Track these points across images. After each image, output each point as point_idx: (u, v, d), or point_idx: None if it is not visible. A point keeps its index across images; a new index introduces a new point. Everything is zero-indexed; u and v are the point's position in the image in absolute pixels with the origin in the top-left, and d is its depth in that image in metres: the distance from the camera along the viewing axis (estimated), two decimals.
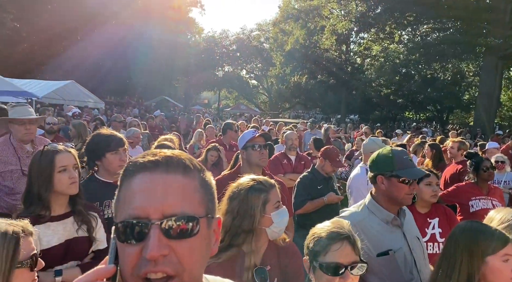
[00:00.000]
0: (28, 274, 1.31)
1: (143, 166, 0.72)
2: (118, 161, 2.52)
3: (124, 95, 34.66)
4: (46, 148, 2.08)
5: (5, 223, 1.31)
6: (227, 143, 5.75)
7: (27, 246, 1.32)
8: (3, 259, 1.24)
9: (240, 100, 49.69)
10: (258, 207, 1.72)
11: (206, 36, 46.97)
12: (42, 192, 2.00)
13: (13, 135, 3.23)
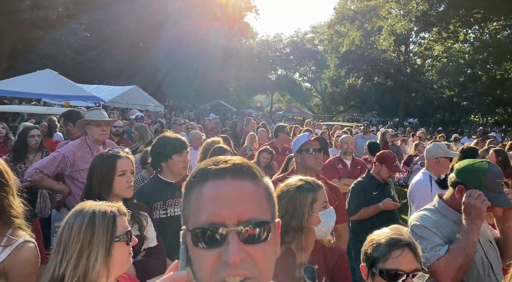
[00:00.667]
0: (125, 248, 1.49)
1: (215, 173, 0.74)
2: (182, 163, 2.66)
3: (181, 99, 36.16)
4: (110, 152, 2.22)
5: (104, 204, 1.51)
6: (279, 146, 5.76)
7: (122, 223, 1.50)
8: (104, 233, 1.42)
9: (293, 103, 49.56)
10: (306, 205, 1.77)
11: (260, 40, 47.53)
12: (102, 193, 2.13)
13: (89, 137, 3.52)
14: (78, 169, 3.39)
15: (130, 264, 1.53)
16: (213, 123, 11.50)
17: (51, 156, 3.39)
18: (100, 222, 1.43)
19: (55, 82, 11.83)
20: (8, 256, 1.62)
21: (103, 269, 1.40)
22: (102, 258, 1.40)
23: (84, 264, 1.38)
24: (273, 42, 47.57)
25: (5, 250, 1.63)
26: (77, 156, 3.40)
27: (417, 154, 7.69)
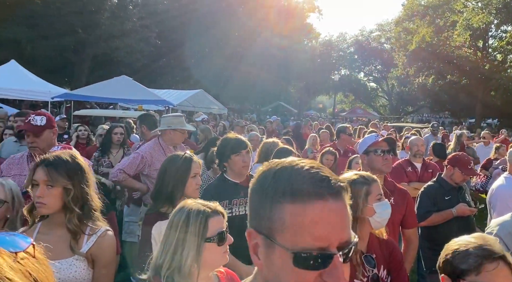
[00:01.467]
0: (215, 248, 1.56)
1: (317, 193, 0.73)
2: (241, 162, 2.73)
3: (243, 102, 36.92)
4: (185, 155, 2.39)
5: (200, 203, 1.62)
6: (341, 148, 5.61)
7: (216, 224, 1.57)
8: (196, 233, 1.52)
9: (357, 104, 48.04)
10: (360, 197, 1.89)
11: (323, 40, 46.83)
12: (175, 193, 2.28)
13: (165, 139, 3.78)
14: (154, 168, 3.62)
15: (225, 261, 1.59)
16: (274, 125, 11.55)
17: (131, 157, 3.69)
18: (193, 222, 1.54)
19: (130, 87, 12.77)
20: (93, 243, 1.80)
21: (193, 266, 1.50)
22: (193, 256, 1.50)
23: (178, 259, 1.50)
24: (337, 42, 46.55)
25: (90, 238, 1.80)
26: (154, 156, 3.66)
27: (498, 158, 7.02)
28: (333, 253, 0.71)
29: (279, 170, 0.78)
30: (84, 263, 1.77)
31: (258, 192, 0.79)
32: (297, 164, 0.78)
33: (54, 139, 2.93)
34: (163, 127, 3.80)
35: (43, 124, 2.81)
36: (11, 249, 0.65)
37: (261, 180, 0.80)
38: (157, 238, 2.15)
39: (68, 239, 1.76)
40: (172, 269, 1.49)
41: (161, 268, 1.51)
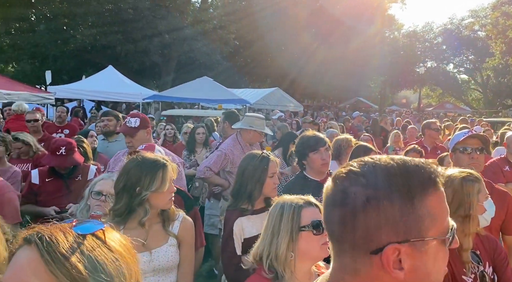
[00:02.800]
0: (312, 238, 1.62)
1: (436, 183, 0.75)
2: (319, 160, 2.70)
3: (320, 99, 36.31)
4: (263, 154, 2.43)
5: (294, 197, 1.71)
6: (428, 145, 5.22)
7: (310, 215, 1.64)
8: (289, 220, 1.61)
9: (446, 98, 44.20)
10: (474, 195, 1.86)
11: (406, 32, 43.92)
12: (253, 191, 2.33)
13: (244, 137, 3.92)
14: (236, 165, 3.80)
15: (325, 254, 1.61)
16: (356, 121, 11.02)
17: (216, 155, 3.89)
18: (286, 211, 1.62)
19: (210, 88, 13.40)
20: (179, 227, 1.99)
21: (289, 253, 1.57)
22: (287, 243, 1.58)
23: (275, 246, 1.59)
24: (422, 33, 43.29)
25: (174, 223, 1.99)
26: (235, 154, 3.82)
27: None
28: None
29: (394, 166, 0.72)
30: (175, 248, 1.95)
31: (384, 198, 0.69)
32: (398, 159, 0.75)
33: (149, 139, 3.19)
34: (245, 126, 3.91)
35: (137, 125, 3.08)
36: (79, 231, 0.70)
37: (374, 185, 0.70)
38: (238, 234, 2.24)
39: (156, 229, 1.93)
40: (270, 256, 1.58)
41: (262, 256, 1.61)
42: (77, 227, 0.71)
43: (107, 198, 2.20)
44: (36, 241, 0.67)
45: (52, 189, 3.20)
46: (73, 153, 3.24)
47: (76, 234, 0.69)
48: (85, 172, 3.34)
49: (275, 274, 1.57)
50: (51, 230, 0.69)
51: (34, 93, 8.74)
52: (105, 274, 0.67)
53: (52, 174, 3.25)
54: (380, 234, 0.70)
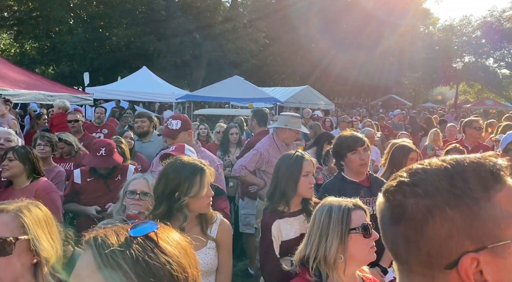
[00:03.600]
0: (362, 241, 1.59)
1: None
2: (358, 160, 2.62)
3: (350, 96, 35.65)
4: (297, 153, 2.39)
5: (341, 199, 1.68)
6: (469, 144, 4.98)
7: (359, 217, 1.61)
8: (339, 222, 1.59)
9: (485, 94, 42.19)
10: None
11: (442, 26, 42.25)
12: (288, 191, 2.30)
13: (279, 137, 3.90)
14: (271, 165, 3.75)
15: (373, 258, 1.59)
16: (396, 119, 10.64)
17: (251, 154, 3.89)
18: (335, 213, 1.60)
19: (241, 87, 13.46)
20: (217, 230, 1.99)
21: (338, 255, 1.54)
22: (336, 244, 1.55)
23: (323, 248, 1.56)
24: (459, 26, 41.52)
25: (213, 226, 1.99)
26: (270, 153, 3.81)
27: None
28: None
29: (448, 168, 0.66)
30: (214, 251, 1.96)
31: (446, 205, 0.63)
32: (450, 159, 0.68)
33: (190, 140, 3.22)
34: (280, 125, 3.90)
35: (178, 127, 3.13)
36: (132, 234, 0.68)
37: (432, 193, 0.64)
38: (276, 236, 2.22)
39: (195, 232, 1.93)
40: (318, 260, 1.56)
41: (308, 259, 1.59)
42: (132, 230, 0.71)
43: (141, 196, 2.25)
44: (91, 244, 0.68)
45: (93, 189, 3.31)
46: (113, 154, 3.33)
47: (129, 236, 0.69)
48: (124, 171, 3.42)
49: (319, 278, 1.55)
50: (105, 232, 0.70)
51: (74, 95, 9.10)
52: (155, 277, 0.66)
53: (93, 173, 3.36)
54: (451, 246, 0.63)
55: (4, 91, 6.69)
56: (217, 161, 3.33)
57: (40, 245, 1.18)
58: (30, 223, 1.18)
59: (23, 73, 8.81)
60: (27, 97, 7.40)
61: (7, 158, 2.92)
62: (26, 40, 24.03)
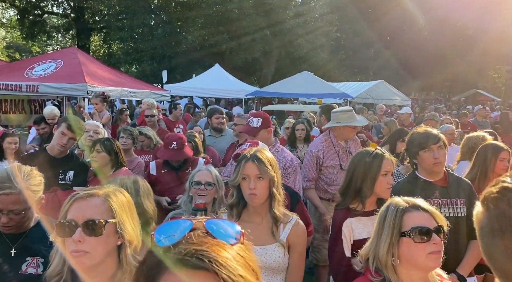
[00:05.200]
0: (414, 245, 1.49)
1: None
2: (431, 159, 2.46)
3: (429, 91, 33.29)
4: (377, 151, 2.29)
5: (402, 199, 1.63)
6: None
7: (414, 219, 1.53)
8: (389, 225, 1.54)
9: None
10: None
11: None
12: (364, 189, 2.21)
13: (336, 135, 3.81)
14: (325, 165, 3.74)
15: (436, 265, 1.51)
16: (479, 116, 9.75)
17: (306, 159, 3.86)
18: (389, 214, 1.56)
19: (310, 82, 13.32)
20: (290, 231, 1.96)
21: (389, 257, 1.50)
22: (387, 246, 1.51)
23: (377, 248, 1.54)
24: None
25: (286, 226, 1.97)
26: (324, 153, 3.73)
27: None
28: None
29: None
30: (283, 250, 1.93)
31: None
32: None
33: (269, 138, 3.27)
34: (332, 124, 3.80)
35: (259, 125, 3.19)
36: (229, 240, 0.64)
37: None
38: (347, 235, 2.17)
39: (266, 227, 1.95)
40: (374, 257, 1.55)
41: (368, 258, 1.58)
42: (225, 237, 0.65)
43: (206, 186, 2.35)
44: (210, 268, 0.58)
45: (166, 180, 3.52)
46: (184, 147, 3.53)
47: (229, 245, 0.64)
48: (195, 164, 3.59)
49: (383, 278, 1.50)
50: (213, 250, 0.61)
51: (154, 91, 9.77)
52: None
53: (166, 166, 3.57)
54: None
55: (94, 88, 7.43)
56: (294, 159, 3.33)
57: (124, 228, 1.29)
58: (117, 208, 1.29)
59: (110, 72, 9.67)
60: (113, 93, 8.12)
61: (95, 150, 3.24)
62: (113, 42, 26.32)
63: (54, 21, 28.72)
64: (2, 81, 7.45)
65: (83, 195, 1.30)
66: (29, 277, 1.78)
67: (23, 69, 7.97)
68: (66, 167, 3.24)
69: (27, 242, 1.85)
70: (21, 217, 1.78)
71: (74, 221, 1.24)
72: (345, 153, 3.78)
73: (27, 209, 1.79)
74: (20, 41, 30.07)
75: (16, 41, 31.59)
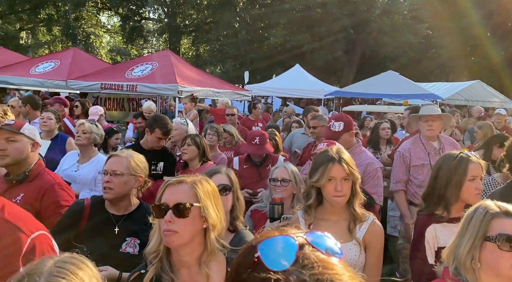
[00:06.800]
0: (498, 252, 1.42)
1: None
2: None
3: None
4: (461, 154, 2.16)
5: (495, 203, 1.55)
6: None
7: (503, 226, 1.45)
8: (474, 227, 1.49)
9: None
10: None
11: None
12: (448, 195, 2.09)
13: (421, 132, 3.64)
14: (413, 164, 3.60)
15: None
16: None
17: (395, 160, 3.76)
18: (476, 215, 1.50)
19: (395, 82, 12.67)
20: (366, 230, 1.97)
21: (468, 259, 1.46)
22: (468, 248, 1.46)
23: (458, 248, 1.49)
24: None
25: (363, 225, 1.98)
26: (412, 152, 3.59)
27: None
28: None
29: None
30: (359, 248, 1.95)
31: None
32: None
33: (351, 141, 3.23)
34: (417, 124, 3.63)
35: (340, 129, 3.14)
36: (337, 255, 0.64)
37: None
38: (431, 242, 2.07)
39: (343, 225, 1.97)
40: (455, 260, 1.50)
41: (449, 258, 1.54)
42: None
43: (282, 182, 2.49)
44: None
45: (247, 175, 3.68)
46: (265, 143, 3.70)
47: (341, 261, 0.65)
48: (275, 162, 3.71)
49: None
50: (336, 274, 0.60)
51: (236, 91, 10.21)
52: None
53: (248, 161, 3.75)
54: None
55: (183, 88, 8.02)
56: (376, 163, 3.27)
57: (208, 212, 1.42)
58: (202, 194, 1.43)
59: (198, 73, 10.34)
60: (200, 93, 8.68)
61: (185, 143, 3.56)
62: (201, 44, 27.93)
63: (150, 26, 31.39)
64: (106, 81, 8.43)
65: (173, 181, 1.46)
66: (127, 255, 2.03)
67: (124, 71, 8.92)
68: (158, 158, 3.62)
69: (128, 223, 2.12)
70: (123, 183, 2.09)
71: (166, 203, 1.41)
72: (438, 154, 3.56)
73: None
74: (121, 45, 33.49)
75: (117, 45, 35.26)
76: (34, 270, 0.87)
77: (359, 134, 6.12)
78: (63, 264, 0.90)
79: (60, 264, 0.89)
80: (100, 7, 28.25)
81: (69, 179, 3.21)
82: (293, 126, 5.90)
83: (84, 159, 3.48)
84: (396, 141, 5.34)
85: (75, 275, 0.88)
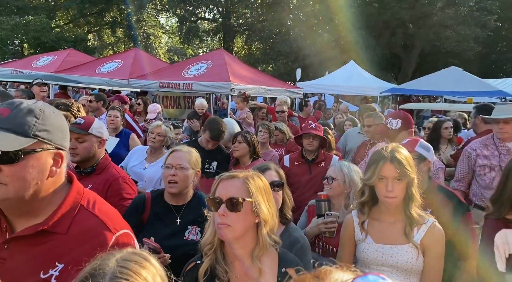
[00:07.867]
0: None
1: None
2: None
3: None
4: None
5: None
6: None
7: None
8: None
9: None
10: None
11: None
12: None
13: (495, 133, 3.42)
14: (479, 164, 3.43)
15: None
16: None
17: (460, 158, 3.60)
18: None
19: (458, 79, 11.88)
20: (425, 233, 1.88)
21: None
22: None
23: None
24: None
25: (421, 227, 1.89)
26: (479, 151, 3.43)
27: None
28: None
29: None
30: (417, 251, 1.87)
31: None
32: None
33: None
34: (490, 119, 3.39)
35: (398, 127, 2.99)
36: None
37: None
38: (501, 248, 1.93)
39: (399, 227, 1.91)
40: None
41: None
42: None
43: (329, 180, 2.50)
44: None
45: (298, 171, 3.68)
46: (320, 131, 3.69)
47: None
48: (328, 159, 3.66)
49: None
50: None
51: (287, 89, 10.18)
52: None
53: (301, 158, 3.73)
54: None
55: (236, 86, 8.16)
56: (437, 164, 3.15)
57: (259, 207, 1.45)
58: (254, 189, 1.45)
59: (250, 71, 10.47)
60: (252, 91, 8.78)
61: (236, 140, 3.63)
62: (254, 43, 28.16)
63: (205, 26, 32.25)
64: (164, 80, 8.82)
65: (227, 176, 1.50)
66: (191, 243, 2.14)
67: (181, 70, 9.28)
68: (212, 158, 3.75)
69: (187, 212, 2.24)
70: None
71: (220, 197, 1.45)
72: (511, 155, 3.31)
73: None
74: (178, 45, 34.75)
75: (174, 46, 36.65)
76: (97, 270, 0.86)
77: (417, 134, 5.84)
78: (125, 264, 0.88)
79: (123, 263, 0.88)
80: (159, 8, 29.56)
81: (136, 177, 3.33)
82: (345, 125, 5.76)
83: (152, 158, 3.62)
84: (460, 141, 5.02)
85: (138, 275, 0.87)
